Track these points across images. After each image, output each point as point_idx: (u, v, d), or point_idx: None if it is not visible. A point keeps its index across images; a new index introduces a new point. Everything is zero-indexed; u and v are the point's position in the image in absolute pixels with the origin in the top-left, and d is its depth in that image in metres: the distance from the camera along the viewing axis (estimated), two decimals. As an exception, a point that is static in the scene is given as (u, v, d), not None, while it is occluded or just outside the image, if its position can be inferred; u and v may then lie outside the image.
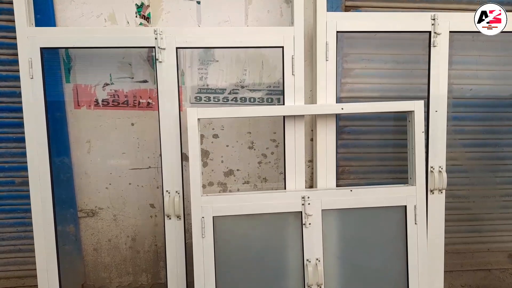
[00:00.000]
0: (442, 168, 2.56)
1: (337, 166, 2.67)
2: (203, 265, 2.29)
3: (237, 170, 2.83)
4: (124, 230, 2.84)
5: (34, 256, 2.39)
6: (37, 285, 2.41)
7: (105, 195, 2.77)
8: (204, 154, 2.78)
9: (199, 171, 2.28)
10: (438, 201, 2.58)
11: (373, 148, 2.91)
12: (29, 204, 2.36)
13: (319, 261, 2.36)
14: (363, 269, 2.44)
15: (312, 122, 2.77)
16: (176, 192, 2.41)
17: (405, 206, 2.42)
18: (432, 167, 2.55)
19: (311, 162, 2.84)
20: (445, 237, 2.61)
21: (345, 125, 2.88)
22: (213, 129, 2.76)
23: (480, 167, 3.02)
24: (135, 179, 2.77)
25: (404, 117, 2.54)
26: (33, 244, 2.38)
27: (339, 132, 2.86)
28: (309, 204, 2.34)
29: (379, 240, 2.44)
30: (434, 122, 2.54)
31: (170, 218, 2.42)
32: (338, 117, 2.79)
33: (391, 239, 2.45)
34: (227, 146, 2.79)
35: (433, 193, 2.57)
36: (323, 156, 2.51)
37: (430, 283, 2.58)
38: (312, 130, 2.79)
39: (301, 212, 2.35)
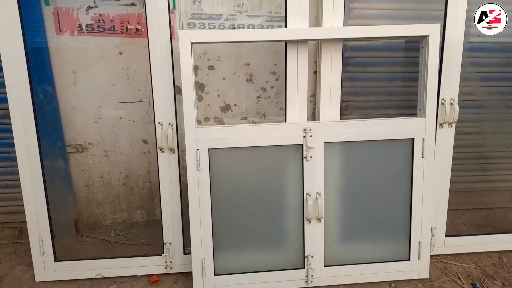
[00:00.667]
0: (454, 101, 2.39)
1: (341, 101, 2.50)
2: (199, 200, 2.20)
3: (235, 105, 2.66)
4: (117, 166, 2.72)
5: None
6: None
7: (94, 130, 2.61)
8: (199, 87, 2.59)
9: (193, 99, 2.11)
10: (447, 135, 2.45)
11: (381, 82, 2.72)
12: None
13: (319, 195, 2.26)
14: (365, 204, 2.36)
15: (316, 53, 2.56)
16: (169, 124, 2.26)
17: (413, 139, 2.28)
18: (443, 99, 2.38)
19: (313, 97, 2.66)
20: (450, 175, 2.52)
21: (350, 56, 2.67)
22: (208, 59, 2.55)
23: (494, 103, 2.85)
24: (126, 113, 2.60)
25: (415, 47, 2.33)
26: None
27: (344, 64, 2.64)
28: (311, 136, 2.20)
29: (383, 175, 2.33)
30: (448, 50, 2.33)
31: (163, 152, 2.29)
32: (344, 47, 2.57)
33: (396, 174, 2.33)
34: (224, 79, 2.60)
35: (442, 126, 2.43)
36: (327, 87, 2.33)
37: (434, 219, 2.51)
38: (315, 62, 2.58)
39: (302, 145, 2.21)
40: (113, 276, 2.45)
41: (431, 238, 2.50)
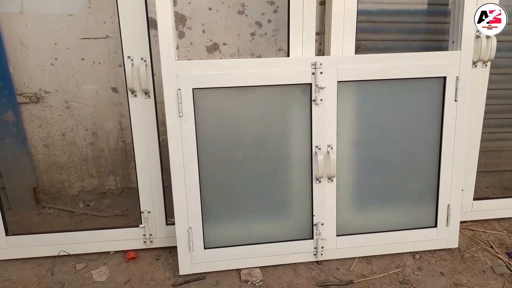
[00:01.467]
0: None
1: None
2: (182, 155, 1.74)
3: (224, 44, 2.18)
4: (81, 121, 2.23)
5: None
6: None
7: (51, 74, 2.11)
8: (180, 19, 2.10)
9: (171, 21, 1.62)
10: (482, 76, 2.03)
11: (401, 16, 2.26)
12: None
13: (331, 148, 1.83)
14: (384, 160, 1.94)
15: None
16: (142, 59, 1.78)
17: (444, 78, 1.85)
18: (478, 30, 1.95)
19: (319, 35, 2.20)
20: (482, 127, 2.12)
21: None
22: (191, -17, 2.06)
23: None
24: (89, 53, 2.10)
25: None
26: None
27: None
28: (321, 73, 1.75)
29: (407, 123, 1.91)
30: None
31: (135, 96, 1.81)
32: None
33: (422, 122, 1.91)
34: (210, 9, 2.11)
35: (476, 65, 2.01)
36: (340, 15, 1.87)
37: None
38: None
39: (311, 84, 1.77)
40: (81, 253, 2.01)
41: (459, 201, 2.12)
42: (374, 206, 2.00)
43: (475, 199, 2.26)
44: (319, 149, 1.83)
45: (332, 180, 1.87)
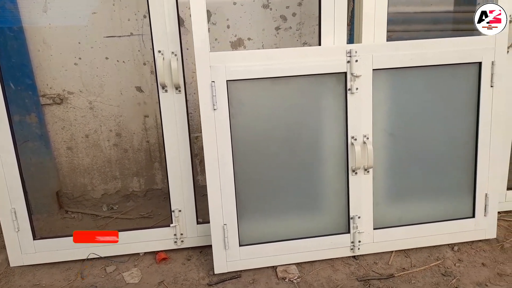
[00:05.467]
0: (524, 17, 1.93)
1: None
2: (217, 148, 1.69)
3: (248, 39, 2.15)
4: (105, 122, 2.19)
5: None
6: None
7: (74, 75, 2.07)
8: (204, 15, 2.07)
9: (204, 13, 1.59)
10: (515, 62, 1.99)
11: (430, 6, 2.23)
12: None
13: (367, 138, 1.79)
14: (420, 149, 1.90)
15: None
16: (173, 53, 1.74)
17: (480, 64, 1.82)
18: (511, 15, 1.92)
19: (348, 27, 2.17)
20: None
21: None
22: (216, -23, 2.03)
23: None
24: (113, 51, 2.07)
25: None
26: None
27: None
28: (356, 61, 1.71)
29: (443, 111, 1.87)
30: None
31: (166, 91, 1.77)
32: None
33: (458, 109, 1.88)
34: (235, 4, 2.08)
35: (508, 51, 1.97)
36: (371, 2, 1.84)
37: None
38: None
39: (346, 73, 1.73)
40: (110, 255, 1.95)
41: (493, 191, 2.06)
42: (411, 198, 1.95)
43: (508, 188, 2.21)
44: (355, 139, 1.78)
45: (368, 172, 1.82)
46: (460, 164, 1.94)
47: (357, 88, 1.74)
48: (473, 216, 1.97)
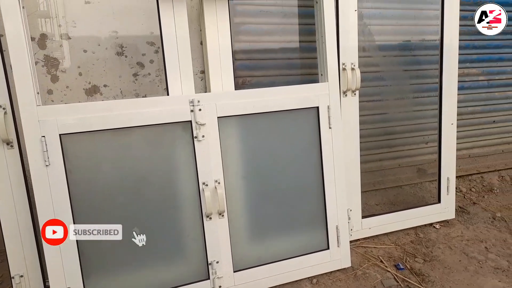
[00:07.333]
0: (354, 65, 2.18)
1: (236, 77, 2.13)
2: (52, 207, 1.58)
3: (104, 85, 2.11)
4: None
5: None
6: None
7: None
8: (52, 63, 1.98)
9: (29, 67, 1.51)
10: (352, 104, 2.23)
11: (280, 53, 2.42)
12: None
13: (218, 183, 1.82)
14: (273, 189, 1.99)
15: (199, 19, 2.16)
16: (1, 107, 1.61)
17: (317, 108, 1.99)
18: (344, 63, 2.16)
19: (203, 74, 2.25)
20: (359, 149, 2.30)
21: (242, 22, 2.32)
22: (60, 25, 1.96)
23: (396, 73, 2.76)
24: None
25: (310, 13, 2.08)
26: None
27: (235, 32, 2.30)
28: (200, 110, 1.76)
29: (290, 152, 2.00)
30: (344, 14, 2.12)
31: (-5, 147, 1.63)
32: (233, 11, 2.23)
33: (303, 150, 2.02)
34: (85, 51, 2.03)
35: (346, 95, 2.20)
36: (215, 50, 1.93)
37: (348, 200, 2.25)
38: (201, 30, 2.18)
39: (191, 121, 1.76)
40: None
41: (348, 222, 2.23)
42: (269, 236, 2.01)
43: (363, 216, 2.41)
44: (206, 185, 1.81)
45: (223, 216, 1.84)
46: (311, 199, 2.06)
47: (203, 136, 1.77)
48: (328, 248, 2.09)
